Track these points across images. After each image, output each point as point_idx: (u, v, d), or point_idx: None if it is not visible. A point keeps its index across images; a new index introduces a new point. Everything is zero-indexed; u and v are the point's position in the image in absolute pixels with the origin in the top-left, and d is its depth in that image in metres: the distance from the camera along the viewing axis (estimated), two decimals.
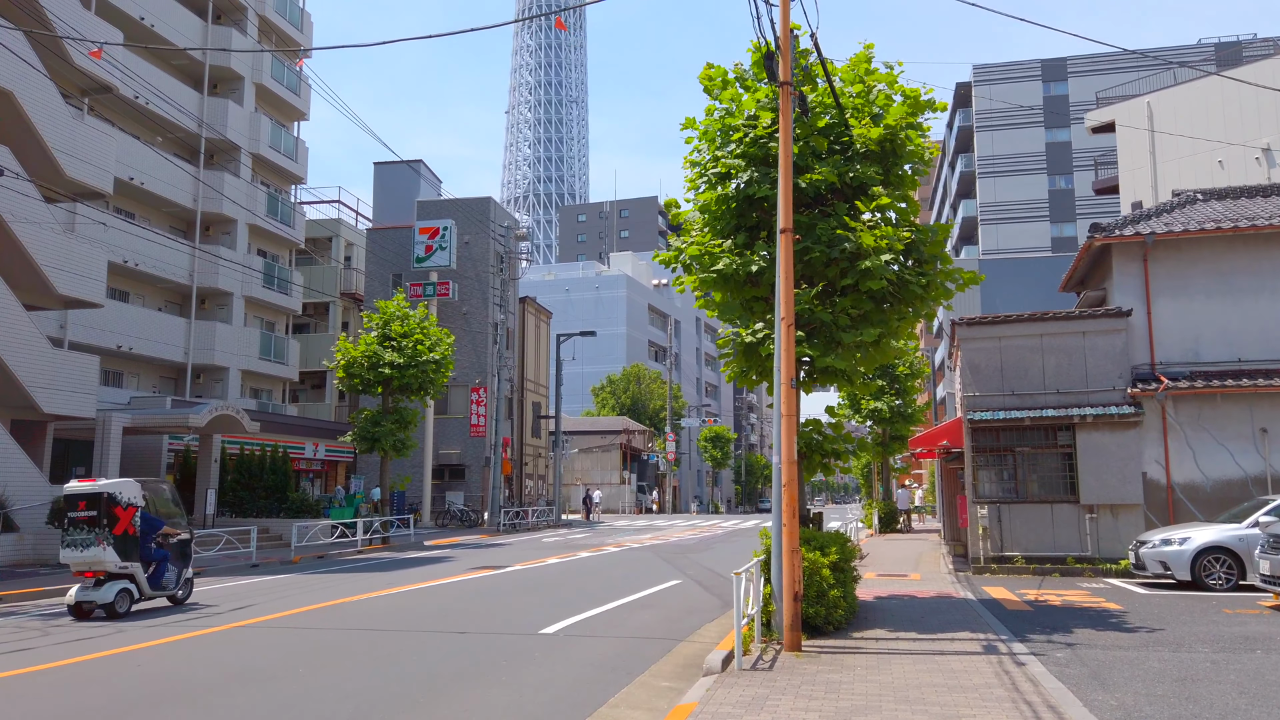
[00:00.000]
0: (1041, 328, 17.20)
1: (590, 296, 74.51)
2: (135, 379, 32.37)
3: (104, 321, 28.71)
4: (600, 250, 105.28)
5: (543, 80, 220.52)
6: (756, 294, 11.43)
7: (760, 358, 11.23)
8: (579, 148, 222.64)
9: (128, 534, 12.23)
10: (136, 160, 29.91)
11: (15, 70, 20.27)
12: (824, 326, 10.81)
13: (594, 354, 70.18)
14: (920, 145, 11.39)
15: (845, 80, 11.63)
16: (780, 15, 9.49)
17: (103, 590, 11.87)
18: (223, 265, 33.13)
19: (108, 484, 12.45)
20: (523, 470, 41.98)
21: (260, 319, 37.19)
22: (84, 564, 12.00)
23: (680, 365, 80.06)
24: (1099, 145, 48.03)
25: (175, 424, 24.12)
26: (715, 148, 11.54)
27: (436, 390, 26.58)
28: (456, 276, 38.29)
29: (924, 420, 34.86)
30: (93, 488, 12.31)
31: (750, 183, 10.91)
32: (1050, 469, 17.11)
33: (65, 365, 21.95)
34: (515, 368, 40.26)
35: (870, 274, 10.38)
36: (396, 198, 40.18)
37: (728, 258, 10.99)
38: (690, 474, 78.54)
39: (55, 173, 21.84)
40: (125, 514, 12.24)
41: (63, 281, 21.80)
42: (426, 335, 25.64)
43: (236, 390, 34.44)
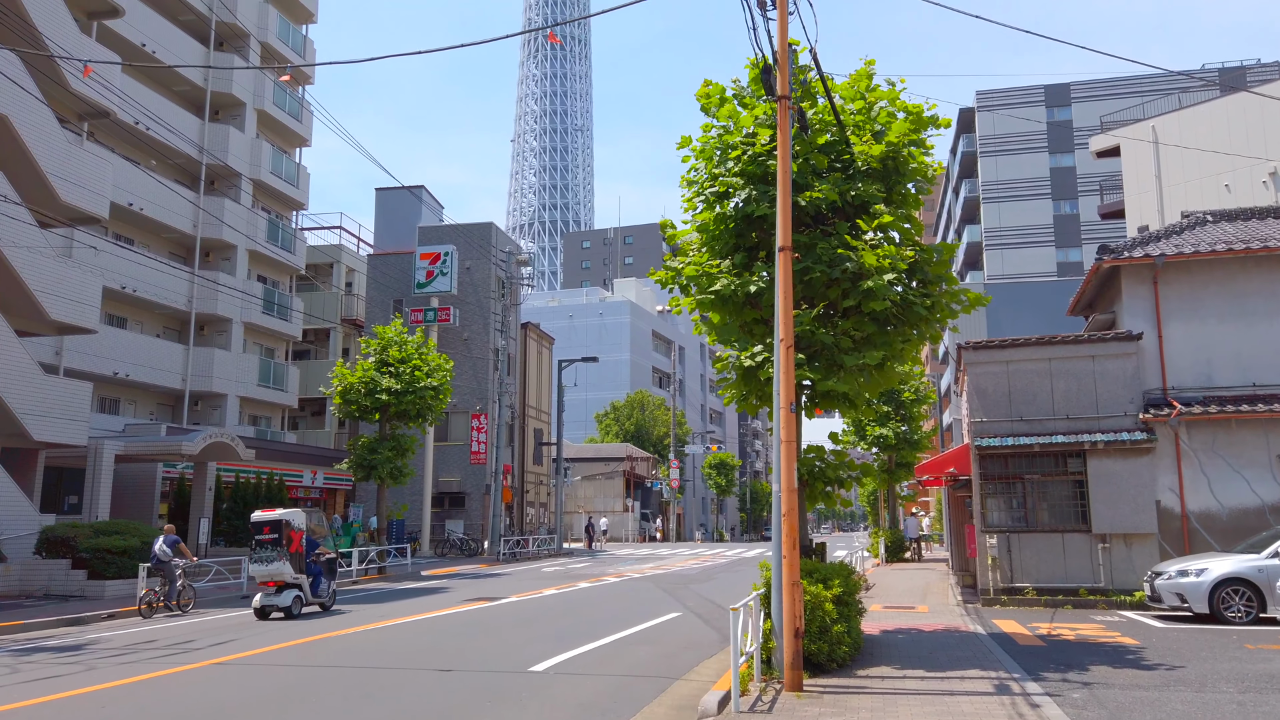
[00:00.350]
0: (1050, 351, 16.79)
1: (594, 322, 74.26)
2: (132, 406, 32.05)
3: (101, 348, 28.44)
4: (604, 277, 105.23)
5: (548, 109, 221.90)
6: (756, 316, 11.06)
7: (760, 382, 10.86)
8: (584, 175, 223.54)
9: (298, 553, 15.35)
10: (136, 186, 29.79)
11: (10, 95, 20.13)
12: (825, 349, 10.42)
13: (598, 380, 69.81)
14: (924, 163, 11.06)
15: (846, 97, 11.33)
16: (778, 28, 9.19)
17: (281, 596, 14.99)
18: (222, 291, 32.90)
19: (284, 513, 15.55)
20: (524, 498, 41.48)
21: (260, 345, 36.93)
22: (267, 575, 15.05)
23: (684, 391, 79.62)
24: (1104, 170, 47.82)
25: (168, 451, 23.75)
26: (713, 166, 11.23)
27: (435, 417, 26.20)
28: (458, 302, 38.04)
29: (930, 447, 34.36)
30: (274, 516, 15.42)
31: (749, 201, 10.58)
32: (1061, 497, 16.63)
33: (57, 392, 21.64)
34: (517, 394, 39.89)
35: (873, 294, 10.00)
36: (398, 223, 40.02)
37: (726, 278, 10.64)
38: (695, 501, 77.85)
39: (50, 198, 21.65)
40: (296, 536, 15.40)
41: (56, 307, 21.54)
42: (424, 361, 25.30)
43: (235, 417, 34.10)
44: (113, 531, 19.42)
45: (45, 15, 21.44)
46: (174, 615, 15.95)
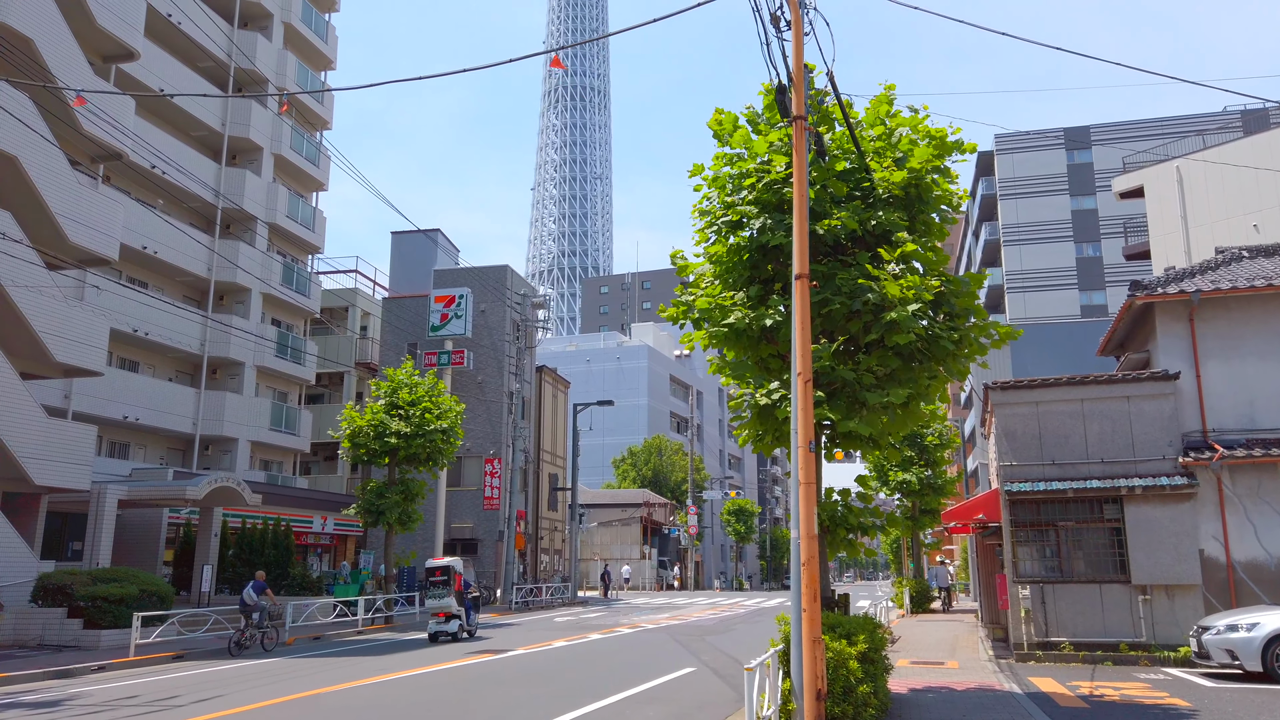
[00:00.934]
0: (1082, 392, 16.04)
1: (612, 367, 73.78)
2: (142, 451, 31.67)
3: (110, 391, 28.15)
4: (622, 321, 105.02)
5: (568, 158, 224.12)
6: (772, 351, 10.46)
7: (777, 421, 10.22)
8: (603, 223, 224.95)
9: (459, 591, 19.83)
10: (151, 229, 29.71)
11: (20, 136, 20.04)
12: (846, 386, 9.78)
13: (615, 425, 69.13)
14: (948, 190, 10.50)
15: (865, 123, 10.83)
16: (793, 46, 8.70)
17: (448, 625, 19.53)
18: (235, 335, 32.64)
19: (450, 560, 20.17)
20: (538, 545, 40.65)
21: (272, 389, 36.59)
22: (439, 608, 19.59)
23: (703, 437, 78.73)
24: (1127, 211, 47.14)
25: (172, 496, 23.25)
26: (726, 195, 10.72)
27: (444, 460, 25.61)
28: (472, 345, 37.64)
29: (955, 493, 33.38)
30: (444, 562, 20.06)
31: (764, 230, 10.03)
32: (1097, 545, 15.76)
33: (60, 435, 21.24)
34: (531, 438, 39.27)
35: (896, 327, 9.38)
36: (414, 267, 39.86)
37: (740, 311, 10.06)
38: (713, 549, 76.55)
39: (59, 239, 21.47)
40: (458, 579, 19.98)
41: (61, 349, 21.23)
42: (435, 404, 24.77)
43: (245, 462, 33.64)
44: (111, 579, 18.86)
45: (59, 58, 21.44)
46: (259, 654, 17.20)
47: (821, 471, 9.36)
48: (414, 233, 38.90)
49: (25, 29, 20.44)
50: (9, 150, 20.00)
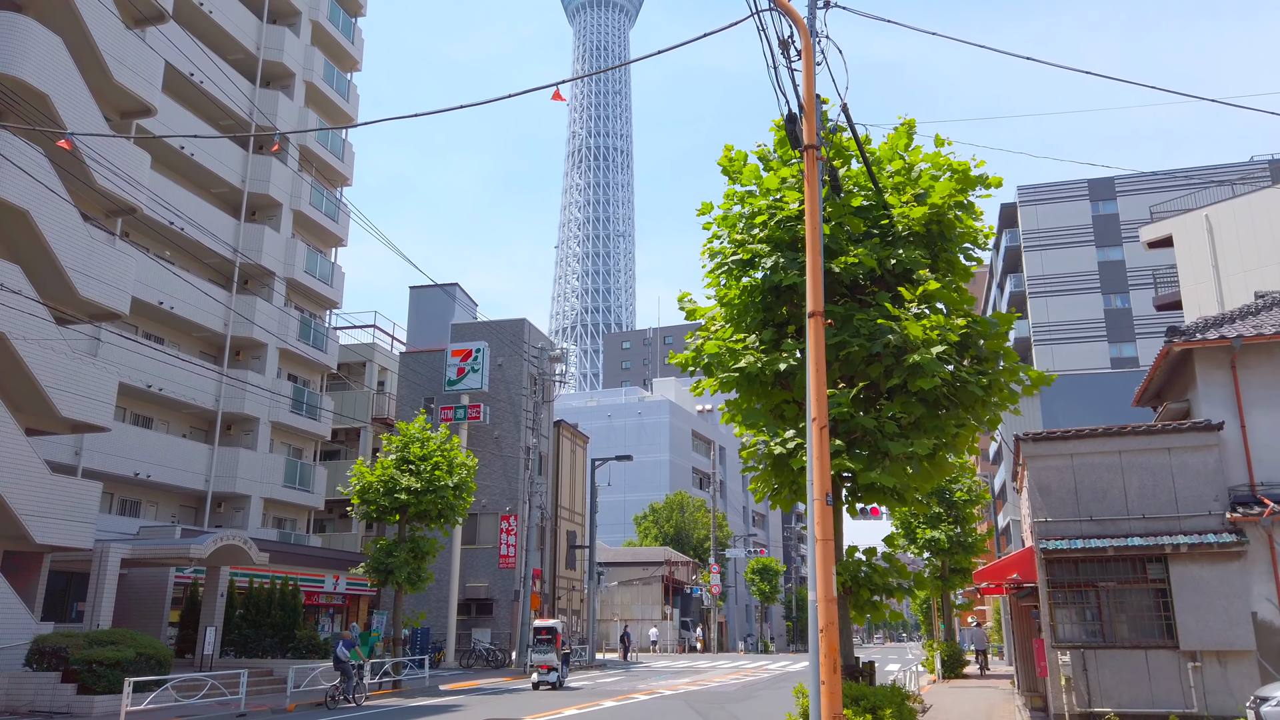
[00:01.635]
0: (1120, 443, 15.16)
1: (633, 422, 73.01)
2: (154, 508, 31.24)
3: (122, 448, 27.83)
4: (644, 377, 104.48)
5: (591, 216, 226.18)
6: (787, 398, 9.81)
7: (793, 472, 9.52)
8: (626, 280, 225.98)
9: (559, 649, 23.36)
10: (167, 285, 29.64)
11: (31, 190, 19.96)
12: (867, 435, 9.10)
13: (636, 481, 68.14)
14: (972, 227, 9.91)
15: (883, 158, 10.30)
16: (804, 74, 8.21)
17: (549, 676, 23.04)
18: (250, 390, 32.36)
19: (554, 622, 23.94)
20: (555, 605, 39.59)
21: (287, 445, 36.18)
22: (544, 662, 23.11)
23: (726, 493, 77.47)
24: (1156, 262, 46.29)
25: (176, 555, 22.67)
26: (737, 234, 10.18)
27: (456, 517, 24.90)
28: (489, 400, 37.14)
29: (986, 551, 32.15)
30: (549, 623, 23.75)
31: (776, 269, 9.47)
32: (1141, 607, 14.74)
33: (63, 492, 20.79)
34: (549, 494, 38.49)
35: (920, 371, 8.72)
36: (432, 321, 39.62)
37: (752, 355, 9.44)
38: (738, 609, 74.73)
39: (69, 292, 21.28)
40: (559, 638, 23.48)
41: (66, 403, 20.89)
42: (446, 458, 24.15)
43: (258, 520, 33.10)
44: (108, 642, 18.21)
45: (75, 113, 21.49)
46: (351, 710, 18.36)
47: (841, 527, 8.63)
48: (432, 287, 38.73)
49: (40, 84, 20.50)
50: (20, 204, 19.92)
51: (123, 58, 23.23)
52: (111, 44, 22.88)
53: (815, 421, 7.39)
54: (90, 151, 21.00)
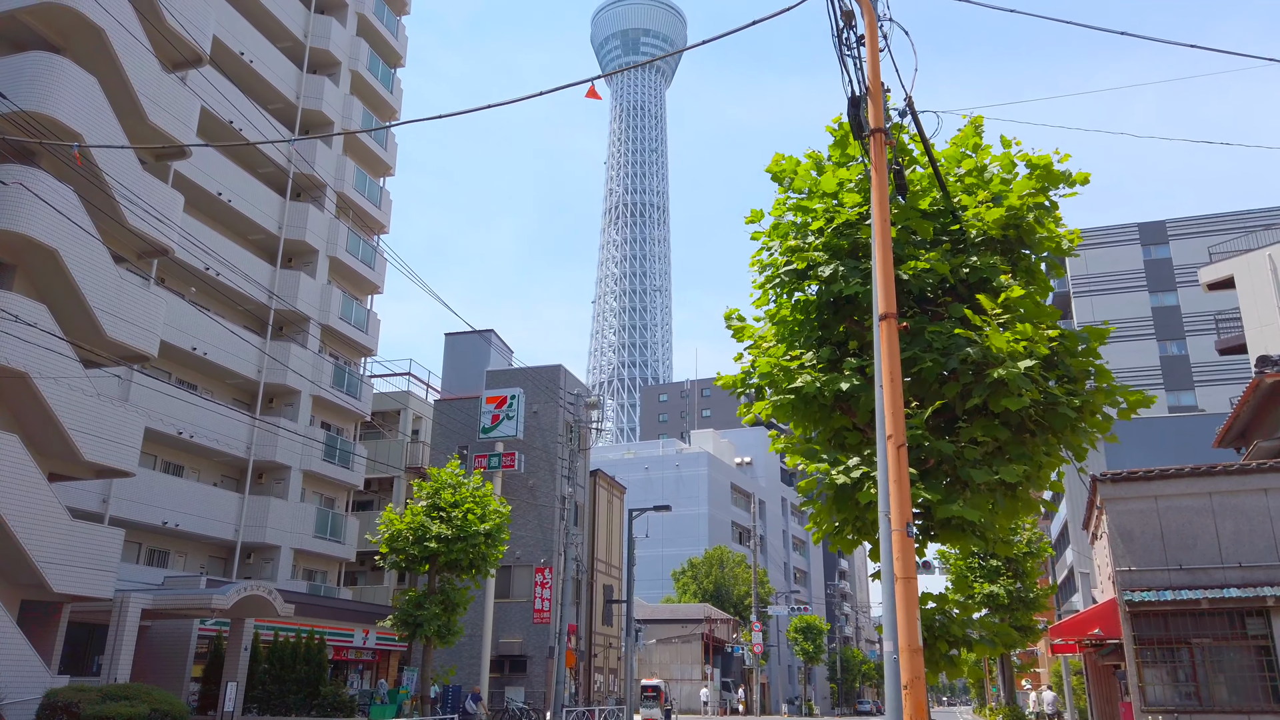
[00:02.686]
0: (1210, 484, 13.83)
1: (671, 475, 71.65)
2: (182, 559, 30.53)
3: (151, 496, 27.24)
4: (682, 430, 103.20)
5: (628, 271, 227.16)
6: (847, 424, 8.75)
7: (858, 507, 8.41)
8: (662, 334, 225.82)
9: (662, 705, 25.63)
10: (201, 331, 29.31)
11: (61, 229, 19.66)
12: (944, 462, 7.99)
13: (674, 535, 66.58)
14: (1053, 232, 8.86)
15: (950, 159, 9.34)
16: (868, 49, 7.32)
17: None
18: (282, 438, 31.76)
19: (659, 681, 26.16)
20: (591, 663, 38.08)
21: (319, 495, 35.45)
22: (649, 716, 25.31)
23: (766, 548, 75.49)
24: (1214, 307, 44.64)
25: (198, 606, 21.82)
26: (790, 242, 9.23)
27: (488, 568, 23.83)
28: (524, 448, 36.23)
29: (1048, 607, 30.31)
30: (654, 682, 27.64)
31: (835, 278, 8.48)
32: (1241, 667, 13.27)
33: (84, 539, 20.10)
34: (585, 546, 37.28)
35: (1004, 389, 7.63)
36: (467, 368, 39.03)
37: (809, 374, 8.41)
38: (780, 670, 72.23)
39: (95, 333, 20.85)
40: (662, 695, 26.36)
41: (89, 447, 20.31)
42: (479, 504, 23.19)
43: (288, 571, 32.24)
44: (122, 696, 17.32)
45: (108, 152, 21.28)
46: None
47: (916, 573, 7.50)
48: (468, 334, 38.22)
49: (73, 123, 20.33)
50: (49, 243, 19.60)
51: (158, 99, 23.12)
52: (147, 85, 22.79)
53: (891, 440, 6.35)
54: (121, 189, 20.71)
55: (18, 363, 18.74)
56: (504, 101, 8.12)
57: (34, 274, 20.53)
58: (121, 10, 21.66)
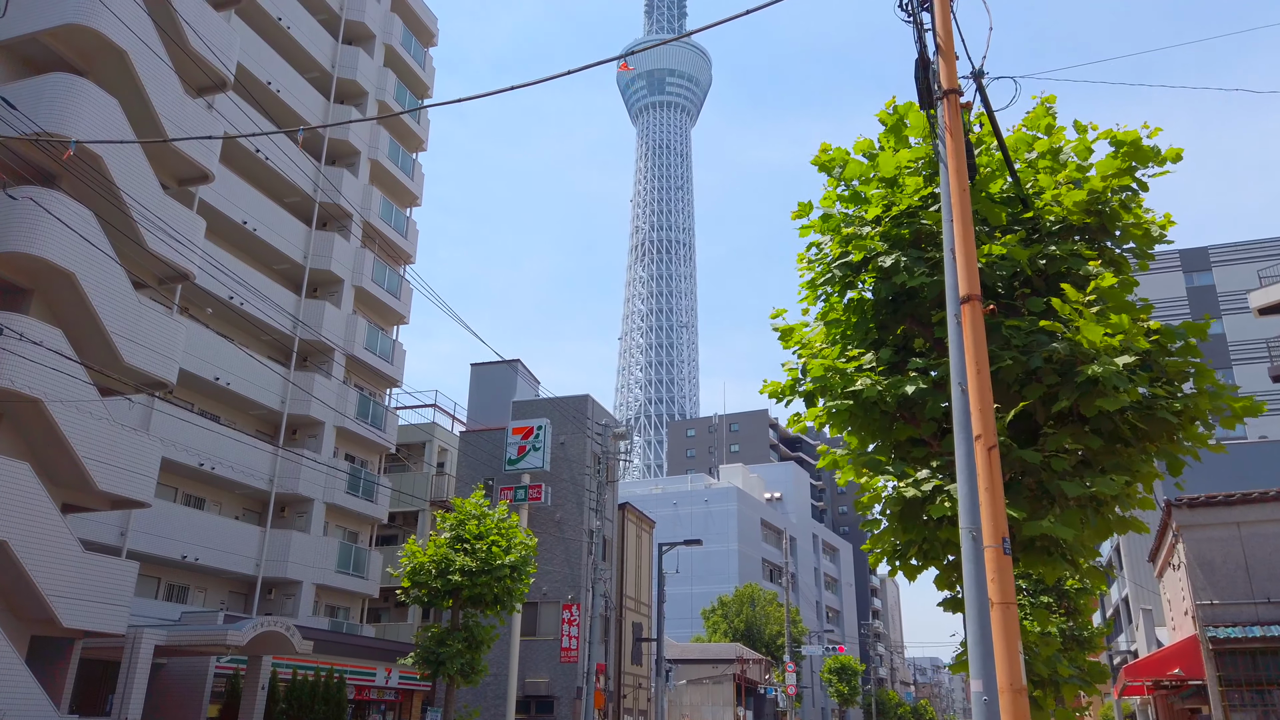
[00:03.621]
0: None
1: (699, 510, 70.32)
2: (202, 594, 29.80)
3: (170, 529, 26.62)
4: (709, 465, 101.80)
5: (654, 308, 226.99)
6: (912, 434, 7.81)
7: (929, 525, 7.44)
8: (689, 370, 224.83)
9: None
10: (224, 361, 28.86)
11: (79, 251, 19.22)
12: (1028, 473, 7.03)
13: (704, 572, 65.12)
14: (1140, 218, 7.93)
15: (1022, 140, 8.47)
16: (938, 11, 6.50)
17: None
18: (305, 470, 31.12)
19: None
20: (620, 703, 36.77)
21: (342, 529, 34.71)
22: None
23: (798, 586, 73.68)
24: (1264, 333, 43.17)
25: (213, 642, 20.99)
26: (841, 239, 8.37)
27: (514, 603, 22.83)
28: (550, 479, 35.31)
29: (1103, 648, 28.74)
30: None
31: (897, 269, 7.59)
32: None
33: (96, 572, 19.40)
34: (613, 582, 36.16)
35: (1097, 388, 6.68)
36: (493, 399, 38.30)
37: (869, 377, 7.50)
38: (814, 712, 70.11)
39: (113, 359, 20.31)
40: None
41: (104, 476, 19.68)
42: (504, 536, 22.27)
43: (309, 607, 31.41)
44: None
45: (129, 175, 20.92)
46: None
47: None
48: (494, 364, 37.56)
49: (95, 146, 19.96)
50: (66, 266, 19.15)
51: (181, 122, 22.80)
52: (170, 108, 22.48)
53: (980, 441, 5.43)
54: (141, 210, 20.28)
55: (31, 387, 18.21)
56: (531, 82, 7.45)
57: (51, 298, 20.09)
58: (145, 32, 21.41)
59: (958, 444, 5.79)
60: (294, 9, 34.19)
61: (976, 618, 5.59)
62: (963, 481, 5.72)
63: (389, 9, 39.81)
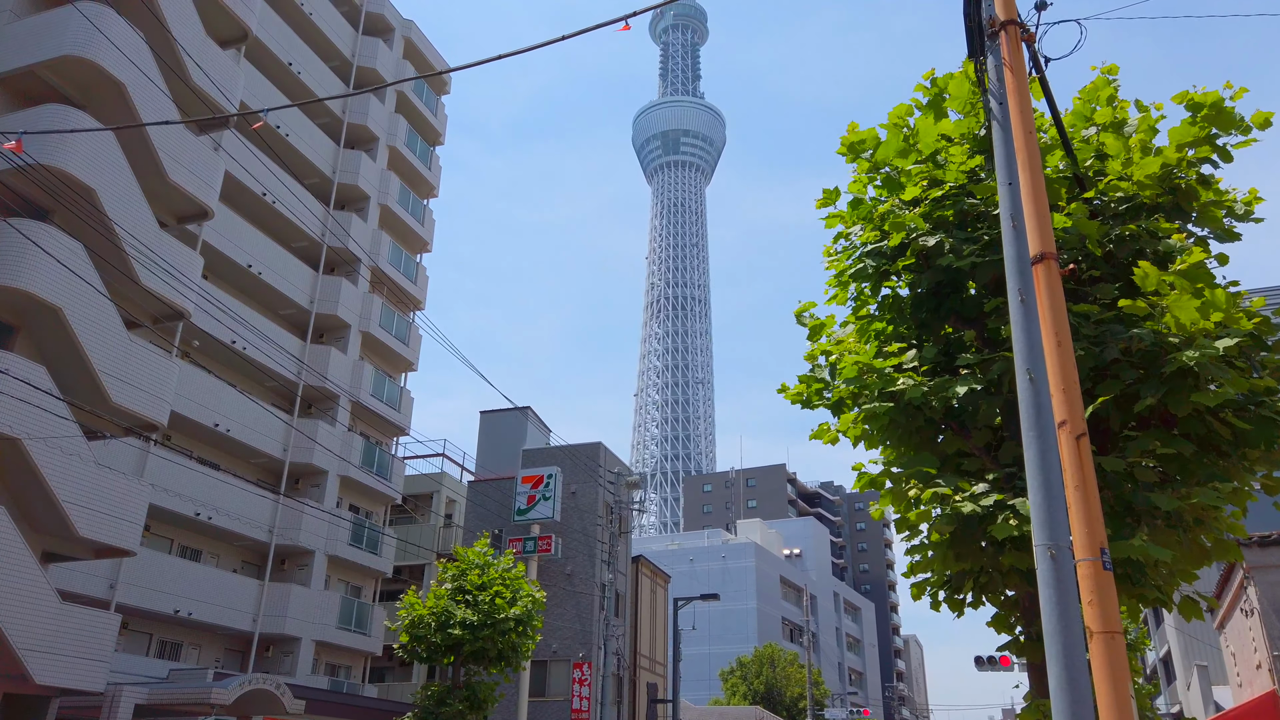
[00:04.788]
0: None
1: (716, 567, 68.40)
2: (196, 651, 28.47)
3: (163, 581, 25.47)
4: (726, 521, 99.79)
5: (670, 364, 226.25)
6: (962, 448, 6.68)
7: (990, 548, 6.27)
8: (705, 427, 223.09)
9: None
10: (224, 406, 27.98)
11: (67, 286, 18.46)
12: (1107, 485, 5.88)
13: (721, 632, 62.99)
14: (1223, 196, 6.87)
15: (1077, 117, 7.47)
16: None
17: None
18: (307, 520, 30.00)
19: None
20: None
21: (345, 583, 33.41)
22: None
23: (819, 647, 71.26)
24: None
25: (196, 701, 19.70)
26: (876, 220, 7.34)
27: (519, 660, 21.45)
28: (561, 531, 34.00)
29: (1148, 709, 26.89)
30: None
31: (941, 251, 6.55)
32: None
33: (73, 624, 18.24)
34: (626, 639, 34.56)
35: (1190, 381, 5.56)
36: (502, 448, 37.21)
37: (910, 377, 6.40)
38: None
39: (100, 398, 19.42)
40: None
41: (85, 521, 18.63)
42: (509, 587, 21.00)
43: (308, 665, 29.99)
44: None
45: (123, 209, 20.28)
46: None
47: None
48: (503, 411, 36.53)
49: (87, 178, 19.37)
50: (53, 300, 18.38)
51: (180, 157, 22.25)
52: (168, 143, 21.94)
53: (1066, 429, 4.32)
54: (134, 243, 19.57)
55: (11, 427, 17.30)
56: (548, 41, 6.61)
57: (37, 334, 19.30)
58: (145, 66, 20.95)
59: (1028, 443, 4.68)
60: (304, 54, 34.03)
61: (1061, 656, 4.43)
62: (1036, 488, 4.60)
63: (400, 56, 39.73)
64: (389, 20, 39.14)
